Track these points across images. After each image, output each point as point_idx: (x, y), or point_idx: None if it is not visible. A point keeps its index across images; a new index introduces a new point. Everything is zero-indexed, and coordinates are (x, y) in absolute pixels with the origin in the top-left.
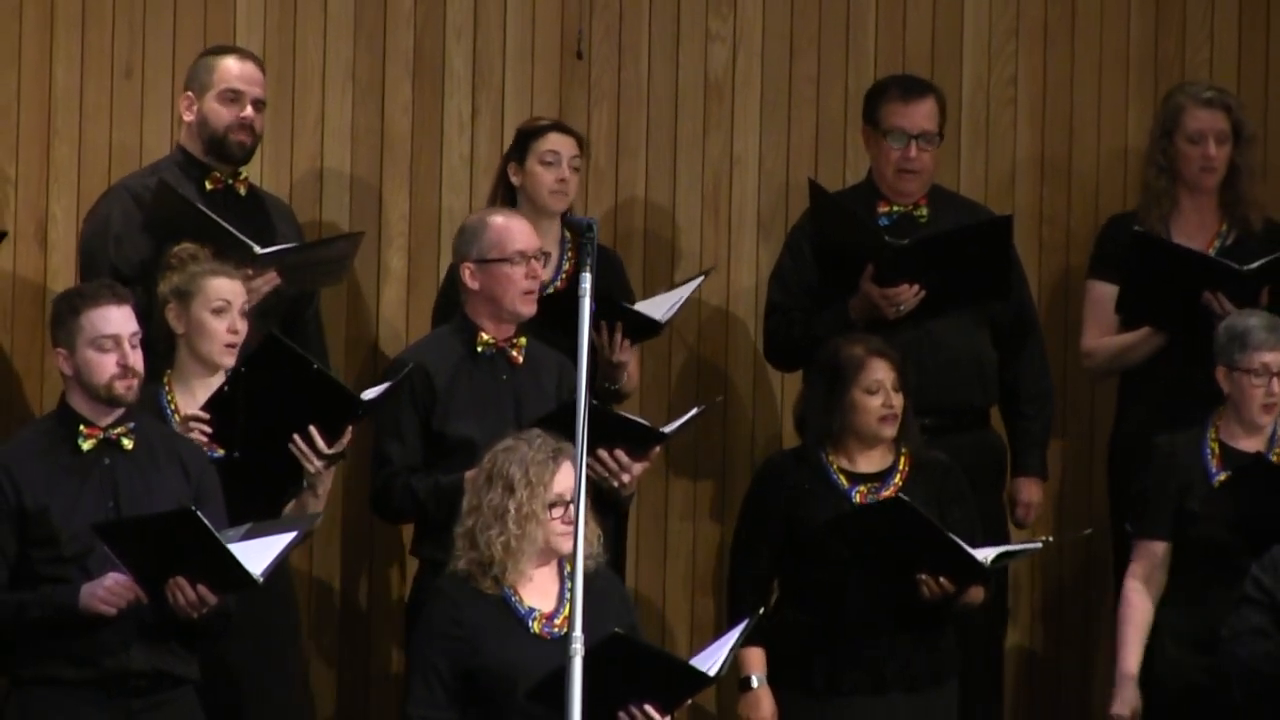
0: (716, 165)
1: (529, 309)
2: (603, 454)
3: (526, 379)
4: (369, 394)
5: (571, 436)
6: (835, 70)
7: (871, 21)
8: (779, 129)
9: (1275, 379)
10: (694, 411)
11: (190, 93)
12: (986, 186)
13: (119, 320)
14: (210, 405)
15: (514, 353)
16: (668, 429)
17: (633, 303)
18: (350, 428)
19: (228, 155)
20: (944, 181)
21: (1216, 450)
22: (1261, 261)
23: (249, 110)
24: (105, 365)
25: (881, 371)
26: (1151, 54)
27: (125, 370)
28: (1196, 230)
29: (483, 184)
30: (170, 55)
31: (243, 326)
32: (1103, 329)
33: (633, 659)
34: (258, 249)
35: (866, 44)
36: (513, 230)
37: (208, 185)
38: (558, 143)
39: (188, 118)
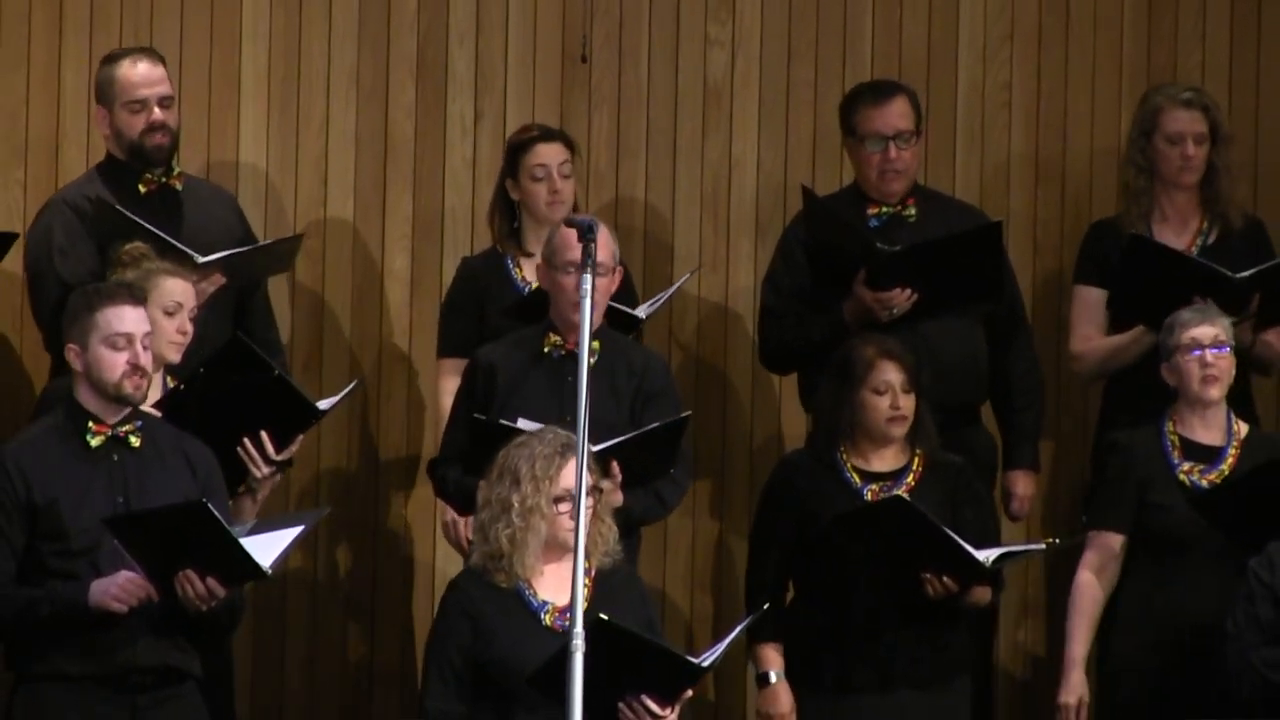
0: (715, 167)
1: (578, 319)
2: None
3: (595, 382)
4: (325, 403)
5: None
6: (832, 74)
7: (868, 26)
8: (777, 132)
9: (1208, 350)
10: (650, 427)
11: (101, 107)
12: (981, 188)
13: (133, 320)
14: (165, 402)
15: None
16: (597, 447)
17: (634, 307)
18: (300, 436)
19: (150, 160)
20: (938, 183)
21: (1176, 443)
22: (1255, 270)
23: (157, 112)
24: (116, 363)
25: (890, 373)
26: (1144, 58)
27: (135, 369)
28: (1178, 229)
29: (485, 186)
30: (177, 58)
31: (190, 328)
32: (1091, 332)
33: (622, 647)
34: (199, 258)
35: (863, 48)
36: (569, 240)
37: (141, 189)
38: (544, 154)
39: (105, 132)
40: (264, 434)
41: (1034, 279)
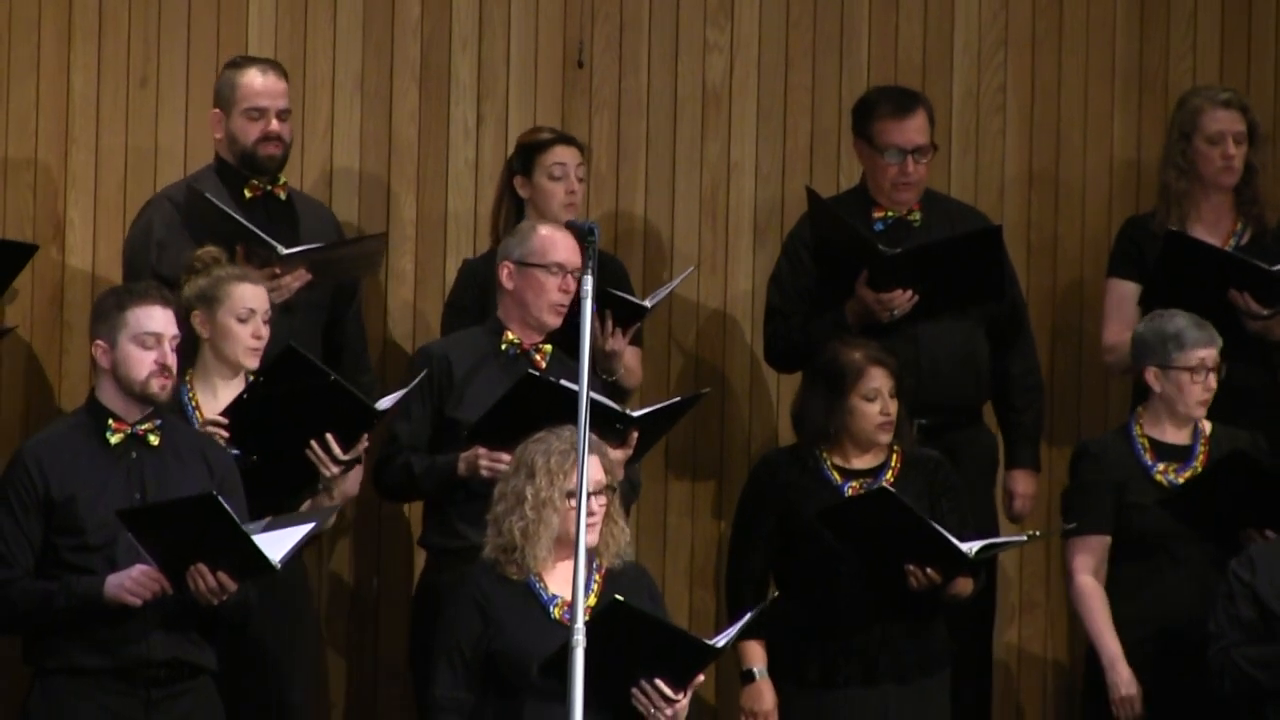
0: (714, 171)
1: (555, 320)
2: None
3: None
4: (384, 403)
5: (539, 414)
6: (829, 79)
7: (864, 32)
8: (775, 136)
9: (1211, 374)
10: (672, 401)
11: (218, 109)
12: (976, 192)
13: (162, 320)
14: (230, 410)
15: (537, 356)
16: (637, 413)
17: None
18: (366, 435)
19: (259, 168)
20: (934, 187)
21: (1147, 445)
22: None
23: (274, 123)
24: (144, 361)
25: (879, 379)
26: (1136, 63)
27: (162, 369)
28: (1212, 228)
29: (487, 189)
30: (184, 65)
31: (265, 331)
32: (1123, 325)
33: (635, 629)
34: (281, 249)
35: (859, 53)
36: (557, 242)
37: (247, 193)
38: (563, 155)
39: (218, 135)
40: (329, 436)
41: (1028, 281)
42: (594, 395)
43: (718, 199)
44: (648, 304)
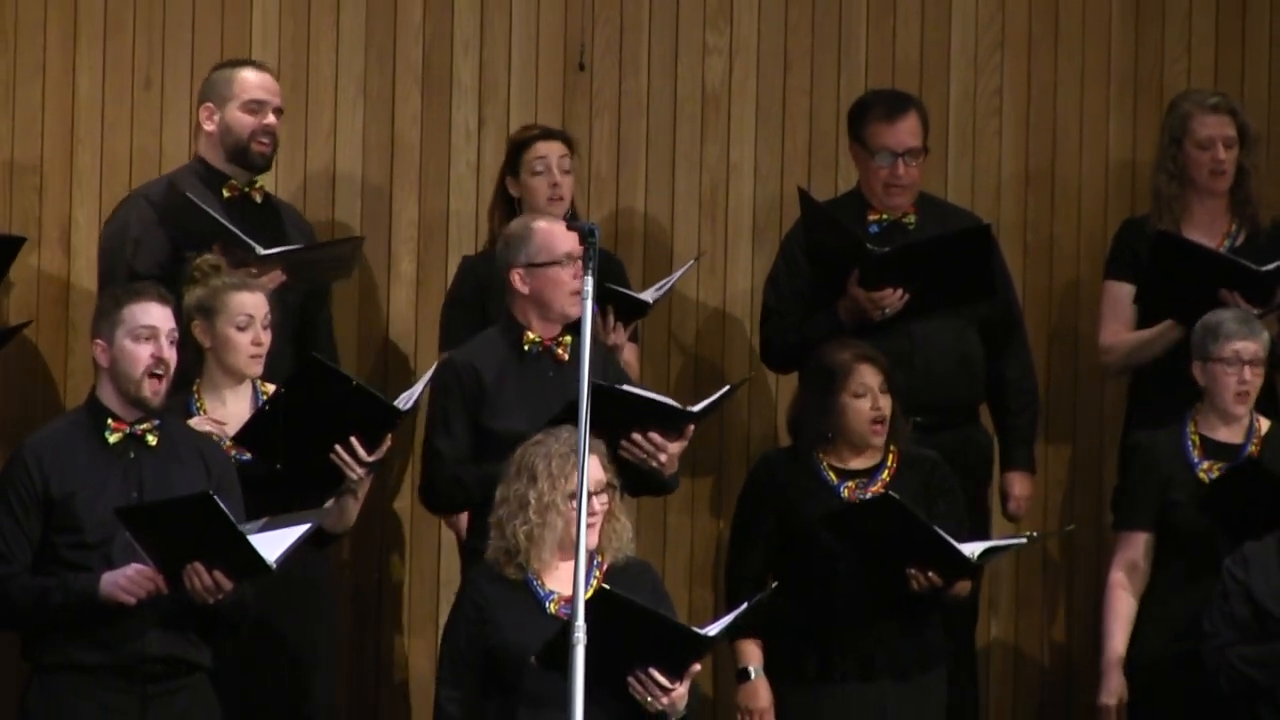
0: (713, 173)
1: (576, 310)
2: (636, 436)
3: (572, 375)
4: (403, 400)
5: (604, 419)
6: (827, 81)
7: (862, 35)
8: (773, 138)
9: (1247, 367)
10: (723, 390)
11: (210, 104)
12: (973, 193)
13: (159, 316)
14: (252, 422)
15: (560, 350)
16: (696, 408)
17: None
18: (389, 435)
19: (249, 163)
20: (931, 189)
21: (1198, 442)
22: (1278, 263)
23: (271, 118)
24: (140, 356)
25: (868, 375)
26: (1131, 65)
27: (159, 362)
28: (1207, 231)
29: (489, 191)
30: (189, 67)
31: (266, 337)
32: (1120, 326)
33: (625, 618)
34: (260, 249)
35: (857, 56)
36: (558, 234)
37: (225, 193)
38: (544, 149)
39: (209, 128)
40: (354, 440)
41: (1024, 282)
42: (656, 396)
43: (717, 200)
44: (649, 299)
